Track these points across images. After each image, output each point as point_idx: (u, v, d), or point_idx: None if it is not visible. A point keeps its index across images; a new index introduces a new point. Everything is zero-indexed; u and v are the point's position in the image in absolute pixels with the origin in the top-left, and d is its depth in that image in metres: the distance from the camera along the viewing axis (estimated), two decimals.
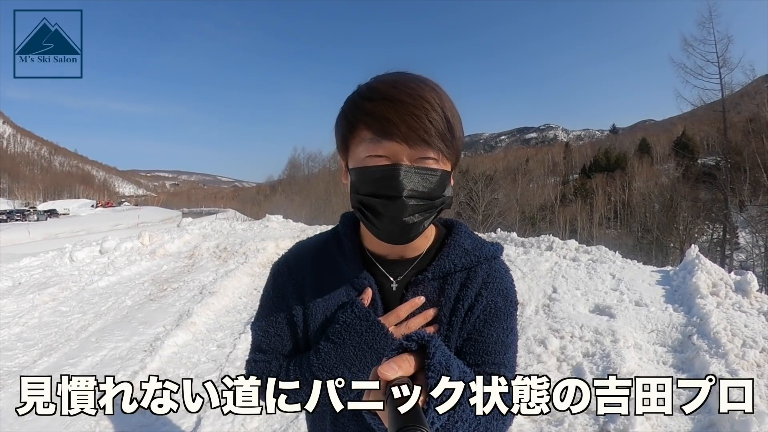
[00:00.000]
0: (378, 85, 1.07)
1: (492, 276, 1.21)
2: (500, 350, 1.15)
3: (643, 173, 67.81)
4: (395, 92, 1.03)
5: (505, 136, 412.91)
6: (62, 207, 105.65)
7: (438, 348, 0.76)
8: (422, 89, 1.04)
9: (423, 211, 1.05)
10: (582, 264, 8.22)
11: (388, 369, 0.71)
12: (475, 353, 1.14)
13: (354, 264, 1.22)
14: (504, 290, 1.21)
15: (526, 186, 69.74)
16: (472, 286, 1.18)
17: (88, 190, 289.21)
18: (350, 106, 1.10)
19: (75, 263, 10.87)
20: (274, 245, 11.35)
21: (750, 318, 5.62)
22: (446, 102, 1.07)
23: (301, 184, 77.07)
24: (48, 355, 5.90)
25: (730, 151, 34.10)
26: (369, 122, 1.03)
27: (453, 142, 1.07)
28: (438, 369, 0.74)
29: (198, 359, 5.70)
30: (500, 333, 1.16)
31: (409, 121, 1.00)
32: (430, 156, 1.03)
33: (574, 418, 4.02)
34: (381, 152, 1.03)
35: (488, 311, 1.17)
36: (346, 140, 1.11)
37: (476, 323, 1.16)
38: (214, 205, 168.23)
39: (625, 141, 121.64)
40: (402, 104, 1.01)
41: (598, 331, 5.50)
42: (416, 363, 0.75)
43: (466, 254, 1.21)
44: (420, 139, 1.01)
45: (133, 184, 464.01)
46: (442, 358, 0.76)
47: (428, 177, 1.04)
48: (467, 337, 1.16)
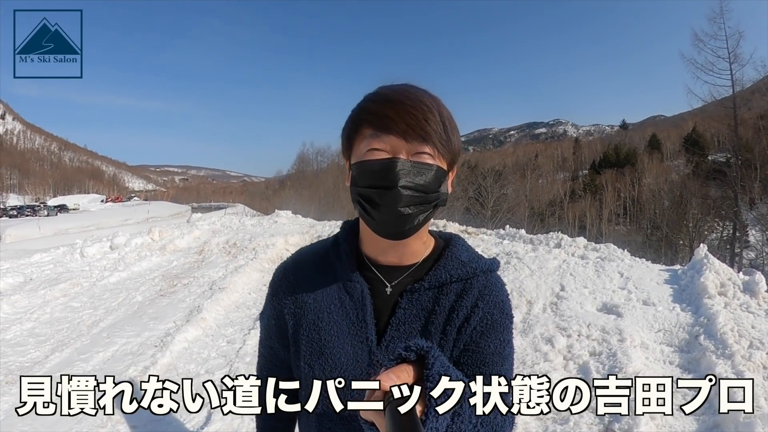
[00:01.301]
0: (382, 91, 1.14)
1: (488, 288, 1.23)
2: (498, 361, 1.16)
3: (653, 169, 67.24)
4: (396, 95, 1.10)
5: (514, 132, 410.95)
6: (72, 202, 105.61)
7: (437, 358, 0.77)
8: (422, 96, 1.11)
9: (418, 204, 1.08)
10: (590, 262, 8.19)
11: (387, 379, 0.72)
12: (472, 364, 1.15)
13: (349, 267, 1.25)
14: (500, 303, 1.23)
15: (536, 182, 69.38)
16: (467, 297, 1.20)
17: (97, 185, 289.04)
18: (355, 110, 1.16)
19: (86, 259, 10.95)
20: (284, 241, 11.41)
21: (757, 319, 5.59)
22: (443, 110, 1.12)
23: (309, 178, 76.78)
24: (60, 350, 5.95)
25: (740, 147, 33.75)
26: (371, 120, 1.10)
27: (449, 144, 1.12)
28: (437, 379, 0.74)
29: (208, 355, 5.75)
30: (497, 344, 1.18)
31: (408, 119, 1.06)
32: (426, 151, 1.08)
33: (579, 417, 4.04)
34: (380, 146, 1.07)
35: (485, 323, 1.19)
36: (350, 139, 1.16)
37: (473, 335, 1.18)
38: (223, 199, 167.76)
39: (635, 137, 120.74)
40: (402, 105, 1.07)
41: (605, 330, 5.51)
42: (415, 373, 0.75)
43: (463, 266, 1.23)
44: (417, 135, 1.06)
45: (142, 179, 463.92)
46: (441, 368, 0.76)
47: (424, 171, 1.08)
48: (464, 348, 1.17)
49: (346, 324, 1.23)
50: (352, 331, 1.22)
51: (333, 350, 1.22)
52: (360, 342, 1.21)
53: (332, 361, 1.21)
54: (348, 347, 1.21)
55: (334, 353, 1.21)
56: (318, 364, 1.22)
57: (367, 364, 1.20)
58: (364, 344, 1.21)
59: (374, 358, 1.19)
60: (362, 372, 1.19)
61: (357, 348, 1.21)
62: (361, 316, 1.22)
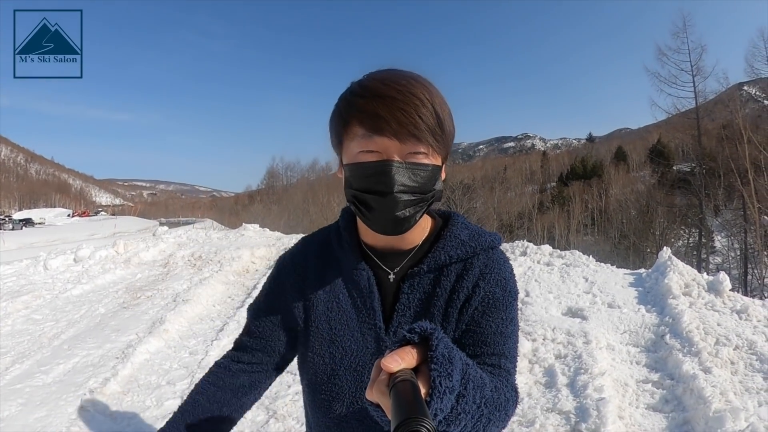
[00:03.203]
0: (369, 83, 1.09)
1: (489, 266, 1.21)
2: (500, 340, 1.14)
3: (619, 180, 68.41)
4: (386, 89, 1.05)
5: (483, 146, 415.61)
6: (38, 216, 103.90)
7: (441, 340, 0.76)
8: (412, 86, 1.06)
9: (414, 205, 1.07)
10: (555, 268, 8.26)
11: (391, 361, 0.71)
12: (474, 344, 1.14)
13: (352, 256, 1.25)
14: (502, 280, 1.21)
15: (504, 194, 70.14)
16: (468, 278, 1.19)
17: (64, 199, 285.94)
18: (343, 103, 1.12)
19: (49, 271, 10.74)
20: (250, 253, 11.30)
21: (723, 317, 5.70)
22: (436, 98, 1.08)
23: (279, 193, 76.99)
24: (20, 362, 5.83)
25: (704, 157, 34.61)
26: (361, 118, 1.05)
27: (443, 136, 1.09)
28: (441, 361, 0.73)
29: (170, 366, 5.66)
30: (499, 323, 1.16)
31: (399, 116, 1.01)
32: (420, 151, 1.05)
33: (545, 418, 4.05)
34: (372, 147, 1.04)
35: (486, 302, 1.17)
36: (339, 136, 1.13)
37: (474, 314, 1.17)
38: (192, 214, 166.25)
39: (602, 149, 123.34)
40: (392, 100, 1.02)
41: (571, 333, 5.54)
42: (419, 355, 0.75)
43: (462, 245, 1.21)
44: (410, 135, 1.03)
45: (110, 193, 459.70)
46: (445, 350, 0.75)
47: (419, 172, 1.06)
48: (465, 328, 1.16)
49: (354, 312, 1.24)
50: (361, 318, 1.23)
51: (343, 338, 1.23)
52: (369, 329, 1.22)
53: (342, 349, 1.23)
54: (357, 335, 1.23)
55: (344, 341, 1.23)
56: (329, 353, 1.24)
57: (375, 350, 1.21)
58: (372, 331, 1.22)
59: (383, 344, 1.20)
60: (372, 359, 1.20)
61: (366, 335, 1.22)
62: (369, 303, 1.22)
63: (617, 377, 4.69)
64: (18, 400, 4.79)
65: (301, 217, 51.29)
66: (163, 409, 4.67)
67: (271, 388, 4.90)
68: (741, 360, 4.79)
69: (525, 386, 4.61)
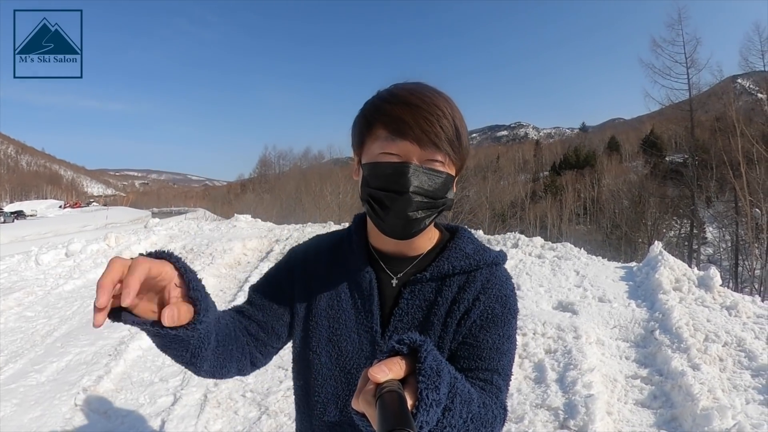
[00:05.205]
0: (397, 91, 1.15)
1: (492, 282, 1.23)
2: (495, 356, 1.15)
3: (612, 170, 68.61)
4: (412, 98, 1.11)
5: (476, 134, 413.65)
6: (30, 208, 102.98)
7: (430, 352, 0.76)
8: (437, 98, 1.12)
9: (426, 209, 1.11)
10: (547, 261, 8.30)
11: (379, 371, 0.71)
12: (469, 357, 1.15)
13: (359, 259, 1.28)
14: (503, 297, 1.22)
15: (497, 183, 70.00)
16: (470, 290, 1.20)
17: (55, 191, 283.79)
18: (370, 107, 1.18)
19: (41, 267, 10.64)
20: (242, 245, 11.27)
21: (713, 313, 5.74)
22: (456, 113, 1.14)
23: (271, 182, 76.62)
24: (14, 361, 5.79)
25: (697, 148, 34.64)
26: (386, 122, 1.11)
27: (460, 148, 1.14)
28: (429, 374, 0.74)
29: (162, 362, 5.64)
30: (496, 339, 1.17)
31: (423, 124, 1.07)
32: (437, 158, 1.10)
33: (534, 414, 4.08)
34: (394, 150, 1.10)
35: (485, 316, 1.19)
36: (362, 137, 1.18)
37: (472, 328, 1.18)
38: (184, 204, 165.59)
39: (595, 139, 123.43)
40: (417, 109, 1.09)
41: (561, 327, 5.57)
42: (407, 366, 0.75)
43: (467, 258, 1.24)
44: (430, 142, 1.08)
45: (101, 183, 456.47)
46: (434, 363, 0.76)
47: (434, 177, 1.11)
48: (462, 341, 1.18)
49: (354, 313, 1.27)
50: (359, 320, 1.26)
51: (340, 338, 1.26)
52: (365, 332, 1.24)
53: (338, 349, 1.26)
54: (354, 336, 1.25)
55: (341, 342, 1.26)
56: (325, 351, 1.27)
57: (371, 353, 1.23)
58: (369, 334, 1.24)
59: (378, 348, 1.22)
60: (366, 362, 1.22)
61: (363, 338, 1.25)
62: (368, 306, 1.25)
63: (606, 372, 4.73)
64: (12, 401, 4.77)
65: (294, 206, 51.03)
66: (157, 406, 4.68)
67: (263, 384, 4.94)
68: (729, 357, 4.83)
69: (515, 381, 4.62)
